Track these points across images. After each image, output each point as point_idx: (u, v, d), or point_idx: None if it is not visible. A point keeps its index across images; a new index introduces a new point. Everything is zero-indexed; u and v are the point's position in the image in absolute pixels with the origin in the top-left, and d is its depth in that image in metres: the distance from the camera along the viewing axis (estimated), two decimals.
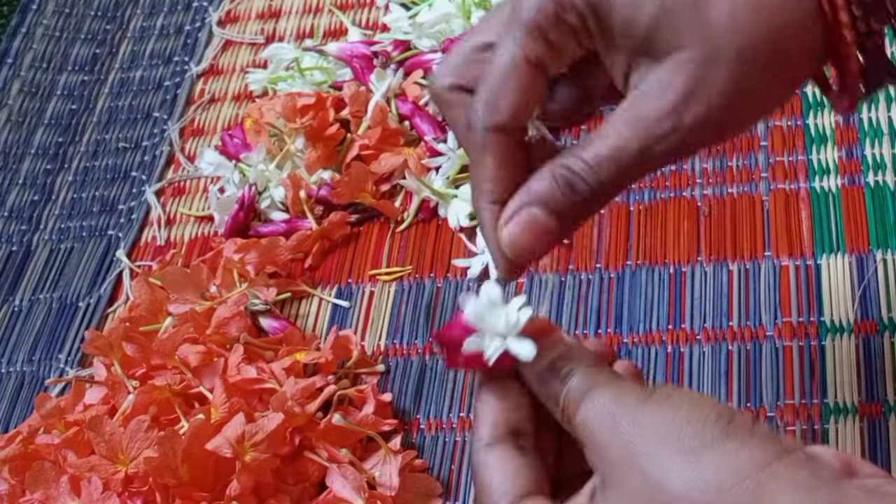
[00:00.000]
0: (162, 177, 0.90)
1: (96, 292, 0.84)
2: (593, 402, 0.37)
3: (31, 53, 1.04)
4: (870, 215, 0.71)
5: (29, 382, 0.80)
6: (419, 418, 0.70)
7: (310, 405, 0.66)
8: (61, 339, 0.82)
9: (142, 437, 0.62)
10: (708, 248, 0.72)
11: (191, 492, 0.62)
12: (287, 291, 0.78)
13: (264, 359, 0.70)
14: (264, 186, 0.83)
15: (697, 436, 0.33)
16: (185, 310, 0.72)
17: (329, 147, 0.82)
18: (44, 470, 0.65)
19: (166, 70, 0.99)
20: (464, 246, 0.77)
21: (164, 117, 0.95)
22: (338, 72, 0.87)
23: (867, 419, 0.63)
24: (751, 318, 0.68)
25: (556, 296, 0.73)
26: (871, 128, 0.75)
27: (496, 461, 0.39)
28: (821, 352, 0.66)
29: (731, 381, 0.66)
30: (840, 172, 0.74)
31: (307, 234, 0.79)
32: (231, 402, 0.64)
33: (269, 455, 0.62)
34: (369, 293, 0.77)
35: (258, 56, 0.96)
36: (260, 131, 0.84)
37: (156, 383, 0.67)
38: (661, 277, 0.72)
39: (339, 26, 0.95)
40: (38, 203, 0.93)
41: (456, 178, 0.79)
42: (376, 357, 0.74)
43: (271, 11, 1.00)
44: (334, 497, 0.64)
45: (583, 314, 0.72)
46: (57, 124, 0.98)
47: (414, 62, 0.84)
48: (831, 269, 0.69)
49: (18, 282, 0.88)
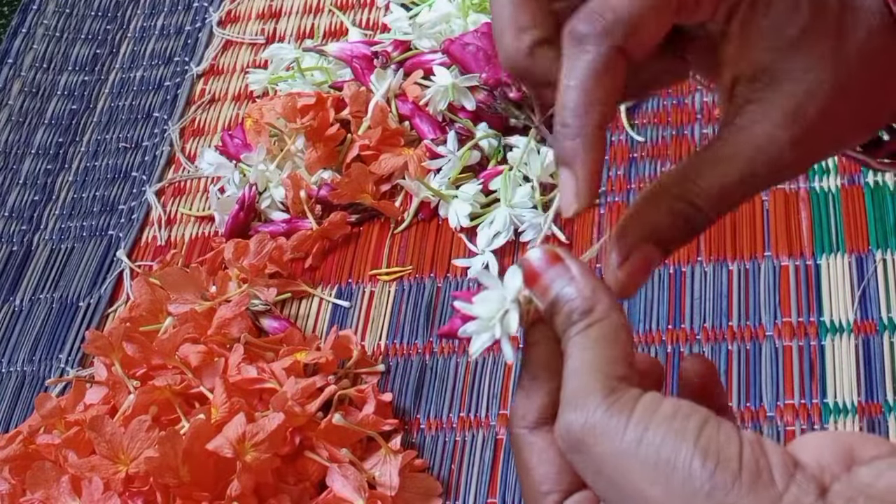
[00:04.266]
0: (162, 177, 0.90)
1: (97, 292, 0.84)
2: (565, 424, 0.34)
3: (32, 53, 1.05)
4: (869, 215, 0.71)
5: (29, 382, 0.80)
6: (419, 418, 0.70)
7: (310, 405, 0.66)
8: (62, 339, 0.82)
9: (142, 437, 0.62)
10: (708, 248, 0.72)
11: (191, 491, 0.62)
12: (287, 291, 0.78)
13: (265, 359, 0.70)
14: (264, 186, 0.83)
15: (684, 486, 0.32)
16: (185, 310, 0.72)
17: (329, 147, 0.82)
18: (44, 470, 0.65)
19: (167, 70, 0.99)
20: (464, 246, 0.77)
21: (164, 117, 0.95)
22: (338, 72, 0.87)
23: (867, 419, 0.63)
24: (751, 318, 0.68)
25: None
26: None
27: (540, 449, 0.37)
28: (821, 352, 0.66)
29: (731, 381, 0.66)
30: (840, 172, 0.74)
31: (307, 234, 0.79)
32: (231, 402, 0.64)
33: (269, 455, 0.62)
34: (369, 293, 0.78)
35: (258, 56, 0.96)
36: (260, 131, 0.84)
37: (156, 383, 0.67)
38: (661, 277, 0.72)
39: (339, 26, 0.95)
40: (39, 203, 0.93)
41: (456, 179, 0.79)
42: (376, 357, 0.74)
43: (271, 12, 1.00)
44: (334, 497, 0.64)
45: None
46: (57, 124, 0.98)
47: (414, 62, 0.84)
48: (831, 269, 0.69)
49: (19, 282, 0.88)
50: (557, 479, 0.36)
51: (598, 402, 0.34)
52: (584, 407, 0.34)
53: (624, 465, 0.33)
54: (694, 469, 0.32)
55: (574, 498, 0.36)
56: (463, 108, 0.80)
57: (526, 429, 0.37)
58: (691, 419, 0.33)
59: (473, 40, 0.80)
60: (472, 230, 0.77)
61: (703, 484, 0.31)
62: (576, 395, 0.34)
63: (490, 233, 0.76)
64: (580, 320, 0.35)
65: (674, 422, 0.33)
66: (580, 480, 0.36)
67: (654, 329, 0.69)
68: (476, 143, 0.79)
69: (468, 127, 0.80)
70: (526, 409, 0.37)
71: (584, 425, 0.33)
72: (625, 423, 0.33)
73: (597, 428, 0.33)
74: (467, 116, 0.80)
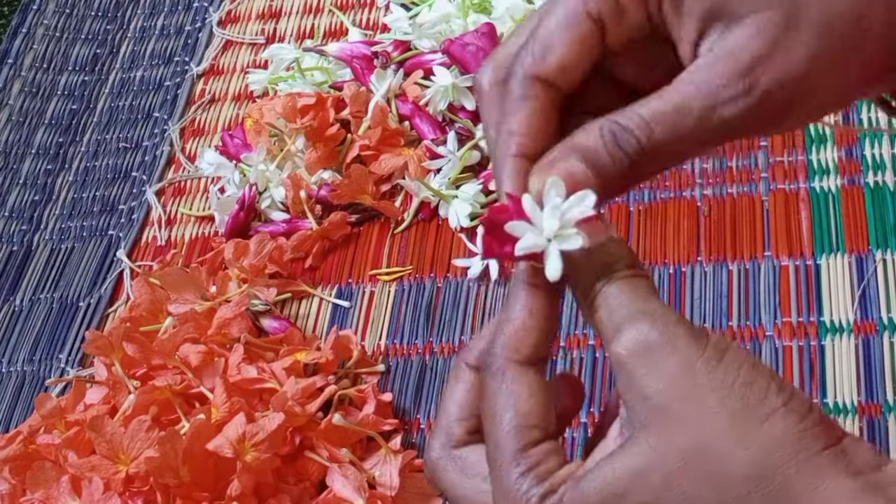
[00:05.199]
0: (162, 177, 0.90)
1: (97, 292, 0.84)
2: (637, 333, 0.34)
3: (32, 53, 1.05)
4: (869, 215, 0.71)
5: (29, 382, 0.80)
6: (419, 418, 0.70)
7: (310, 405, 0.66)
8: (62, 338, 0.82)
9: (143, 437, 0.62)
10: (708, 248, 0.72)
11: (191, 491, 0.62)
12: (287, 291, 0.78)
13: (265, 359, 0.70)
14: (264, 186, 0.83)
15: (758, 406, 0.32)
16: (185, 310, 0.72)
17: (329, 147, 0.82)
18: (44, 470, 0.65)
19: (167, 70, 0.99)
20: (464, 246, 0.77)
21: (164, 117, 0.95)
22: (338, 72, 0.87)
23: (867, 419, 0.63)
24: (751, 318, 0.69)
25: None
26: (871, 128, 0.75)
27: (532, 384, 0.36)
28: (821, 352, 0.66)
29: None
30: (840, 172, 0.74)
31: (307, 234, 0.79)
32: (232, 402, 0.64)
33: (269, 455, 0.62)
34: (369, 293, 0.78)
35: (258, 56, 0.96)
36: (260, 131, 0.84)
37: (156, 383, 0.67)
38: (661, 277, 0.72)
39: (339, 26, 0.95)
40: (39, 203, 0.93)
41: (456, 179, 0.79)
42: (376, 357, 0.74)
43: (271, 12, 1.00)
44: (335, 497, 0.64)
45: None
46: (58, 124, 0.98)
47: (414, 62, 0.84)
48: (831, 269, 0.69)
49: (19, 282, 0.88)
50: (544, 418, 0.36)
51: (678, 319, 0.34)
52: (663, 320, 0.34)
53: (700, 377, 0.33)
54: (771, 392, 0.33)
55: (553, 443, 0.36)
56: (463, 108, 0.80)
57: (517, 362, 0.37)
58: (759, 363, 0.34)
59: (473, 40, 0.80)
60: (472, 230, 0.77)
61: (780, 407, 0.32)
62: (649, 312, 0.35)
63: None
64: (626, 269, 0.36)
65: (750, 355, 0.34)
66: (557, 430, 0.37)
67: None
68: (476, 143, 0.79)
69: (468, 127, 0.80)
70: (521, 343, 0.37)
71: (663, 334, 0.34)
72: (705, 342, 0.34)
73: (678, 338, 0.34)
74: (467, 116, 0.80)
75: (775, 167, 0.75)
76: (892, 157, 0.73)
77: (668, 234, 0.74)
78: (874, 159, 0.74)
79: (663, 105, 0.36)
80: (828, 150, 0.75)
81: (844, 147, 0.75)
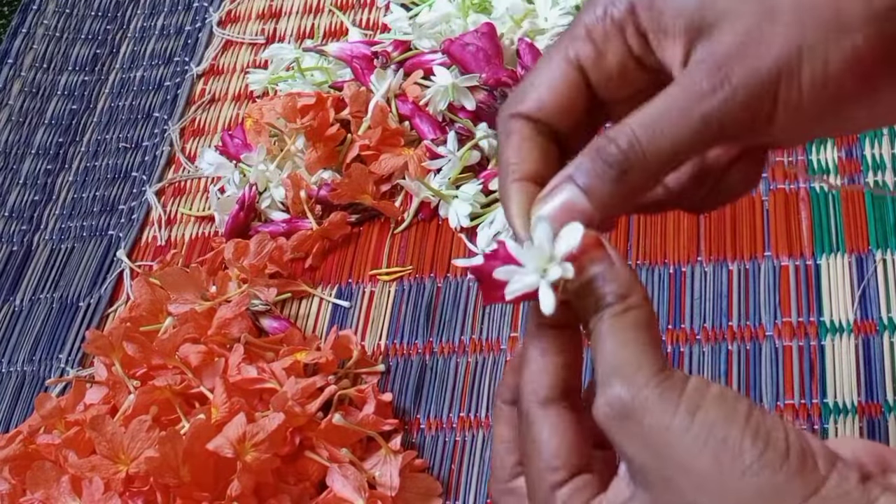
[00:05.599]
0: (162, 177, 0.90)
1: (97, 292, 0.84)
2: (612, 395, 0.35)
3: (32, 54, 1.05)
4: (869, 215, 0.71)
5: (29, 382, 0.80)
6: (419, 418, 0.70)
7: (310, 405, 0.66)
8: (62, 338, 0.82)
9: (143, 437, 0.62)
10: (708, 248, 0.73)
11: (192, 492, 0.62)
12: (287, 291, 0.78)
13: (265, 359, 0.70)
14: (264, 186, 0.83)
15: (733, 463, 0.32)
16: (185, 310, 0.72)
17: (329, 147, 0.82)
18: (44, 470, 0.65)
19: (167, 70, 0.99)
20: (464, 246, 0.77)
21: (164, 117, 0.95)
22: (338, 72, 0.87)
23: (867, 419, 0.63)
24: (750, 318, 0.69)
25: None
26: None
27: (552, 424, 0.37)
28: (820, 352, 0.66)
29: (731, 381, 0.66)
30: (840, 172, 0.74)
31: (307, 234, 0.79)
32: (232, 402, 0.64)
33: (269, 455, 0.62)
34: (369, 293, 0.78)
35: (258, 56, 0.96)
36: (260, 131, 0.84)
37: (156, 383, 0.67)
38: (661, 277, 0.72)
39: (339, 26, 0.95)
40: (39, 203, 0.93)
41: (457, 179, 0.79)
42: (376, 357, 0.74)
43: (271, 12, 1.00)
44: (335, 497, 0.64)
45: None
46: (58, 124, 0.98)
47: (414, 63, 0.84)
48: (831, 270, 0.69)
49: (19, 282, 0.88)
50: (568, 456, 0.37)
51: (649, 377, 0.34)
52: (633, 381, 0.34)
53: (673, 440, 0.33)
54: (745, 447, 0.33)
55: (582, 478, 0.37)
56: (463, 108, 0.80)
57: (538, 404, 0.38)
58: (740, 403, 0.34)
59: (473, 40, 0.80)
60: (472, 230, 0.77)
61: (753, 462, 0.32)
62: (623, 369, 0.35)
63: (490, 233, 0.76)
64: (616, 303, 0.36)
65: (724, 404, 0.34)
66: (587, 462, 0.37)
67: None
68: (476, 143, 0.79)
69: (468, 127, 0.80)
70: (537, 385, 0.38)
71: (635, 398, 0.34)
72: (676, 401, 0.34)
73: (648, 401, 0.34)
74: (467, 116, 0.80)
75: (775, 167, 0.75)
76: (892, 157, 0.73)
77: (668, 234, 0.74)
78: (874, 159, 0.74)
79: (649, 109, 0.37)
80: (828, 150, 0.75)
81: (844, 147, 0.75)
